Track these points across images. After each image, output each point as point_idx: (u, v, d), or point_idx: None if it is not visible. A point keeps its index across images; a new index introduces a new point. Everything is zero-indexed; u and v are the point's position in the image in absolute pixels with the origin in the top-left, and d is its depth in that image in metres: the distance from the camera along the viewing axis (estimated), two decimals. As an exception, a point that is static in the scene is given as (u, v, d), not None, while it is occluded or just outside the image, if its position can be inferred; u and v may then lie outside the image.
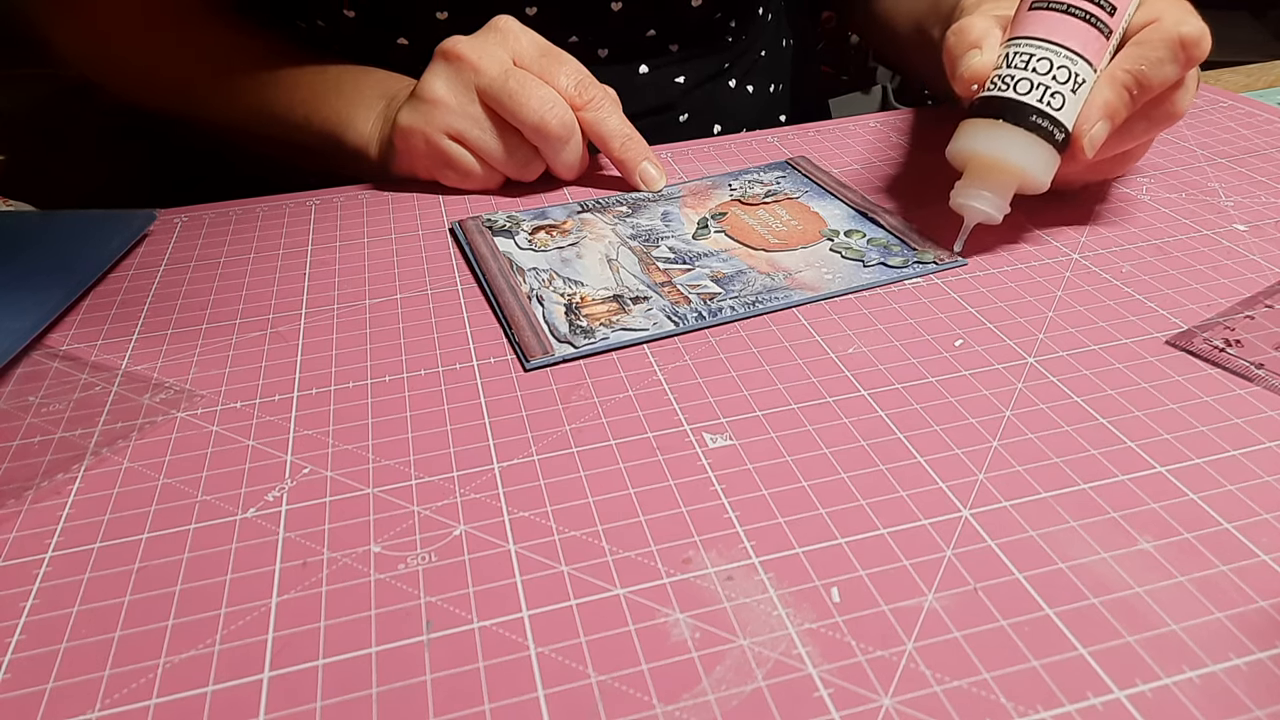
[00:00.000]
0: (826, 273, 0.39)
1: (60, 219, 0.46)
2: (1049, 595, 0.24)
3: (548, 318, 0.37)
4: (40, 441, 0.32)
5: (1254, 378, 0.32)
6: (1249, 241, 0.40)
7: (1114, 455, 0.29)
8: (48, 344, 0.38)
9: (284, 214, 0.48)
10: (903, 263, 0.39)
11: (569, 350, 0.35)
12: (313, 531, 0.28)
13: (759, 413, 0.32)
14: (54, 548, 0.28)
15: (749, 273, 0.39)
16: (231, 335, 0.38)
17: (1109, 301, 0.37)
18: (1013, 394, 0.32)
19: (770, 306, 0.37)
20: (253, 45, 0.55)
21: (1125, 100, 0.38)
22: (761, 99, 0.65)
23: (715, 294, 0.38)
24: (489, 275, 0.40)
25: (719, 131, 0.62)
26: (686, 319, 0.36)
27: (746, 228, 0.43)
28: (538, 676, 0.23)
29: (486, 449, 0.31)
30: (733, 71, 0.62)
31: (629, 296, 0.38)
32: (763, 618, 0.24)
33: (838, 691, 0.22)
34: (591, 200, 0.47)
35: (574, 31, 0.55)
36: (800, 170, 0.49)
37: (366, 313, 0.39)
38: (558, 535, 0.27)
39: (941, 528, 0.27)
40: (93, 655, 0.24)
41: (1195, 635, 0.23)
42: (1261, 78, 0.62)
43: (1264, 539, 0.26)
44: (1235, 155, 0.48)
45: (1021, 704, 0.22)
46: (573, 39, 0.56)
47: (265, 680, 0.23)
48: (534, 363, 0.34)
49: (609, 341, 0.35)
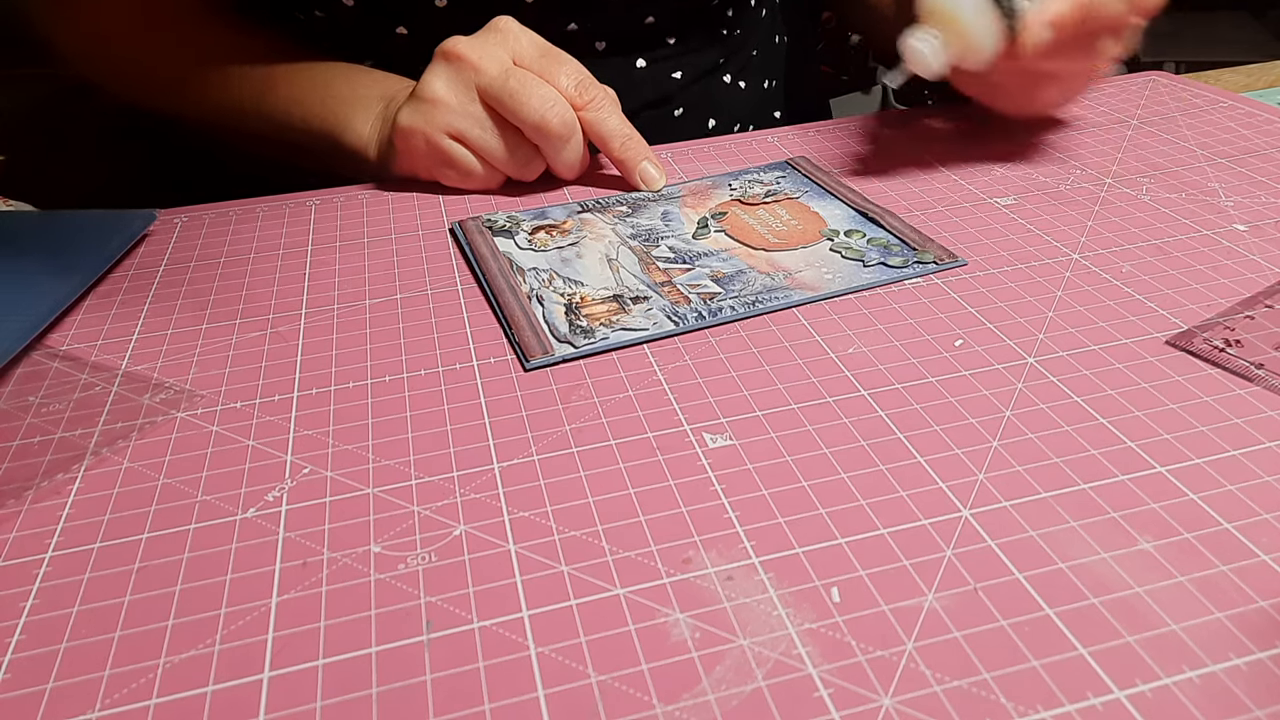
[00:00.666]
0: (826, 272, 0.39)
1: (60, 219, 0.46)
2: (1049, 595, 0.24)
3: (548, 318, 0.37)
4: (40, 441, 0.32)
5: (1254, 378, 0.32)
6: (1249, 241, 0.40)
7: (1114, 455, 0.29)
8: (48, 344, 0.38)
9: (284, 214, 0.48)
10: (903, 262, 0.39)
11: (569, 350, 0.35)
12: (313, 531, 0.28)
13: (759, 413, 0.32)
14: (54, 548, 0.28)
15: (749, 272, 0.39)
16: (231, 335, 0.38)
17: (1109, 301, 0.37)
18: (1013, 394, 0.32)
19: (770, 306, 0.37)
20: (252, 45, 0.55)
21: (1074, 18, 0.40)
22: (755, 95, 0.65)
23: (715, 294, 0.38)
24: (489, 275, 0.40)
25: (713, 126, 0.63)
26: (687, 319, 0.36)
27: (747, 227, 0.43)
28: (538, 676, 0.23)
29: (486, 449, 0.31)
30: (727, 67, 0.63)
31: (629, 296, 0.38)
32: (763, 618, 0.24)
33: (838, 691, 0.22)
34: (591, 200, 0.47)
35: (573, 19, 0.56)
36: (800, 170, 0.49)
37: (366, 313, 0.39)
38: (558, 535, 0.27)
39: (941, 528, 0.27)
40: (93, 655, 0.24)
41: (1195, 635, 0.23)
42: (1261, 78, 0.62)
43: (1264, 539, 0.26)
44: (1235, 155, 0.48)
45: (1021, 704, 0.22)
46: (571, 27, 0.56)
47: (265, 680, 0.23)
48: (534, 362, 0.34)
49: (609, 341, 0.35)
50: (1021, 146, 0.51)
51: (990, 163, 0.49)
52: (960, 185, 0.47)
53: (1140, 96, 0.57)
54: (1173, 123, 0.53)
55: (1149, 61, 2.00)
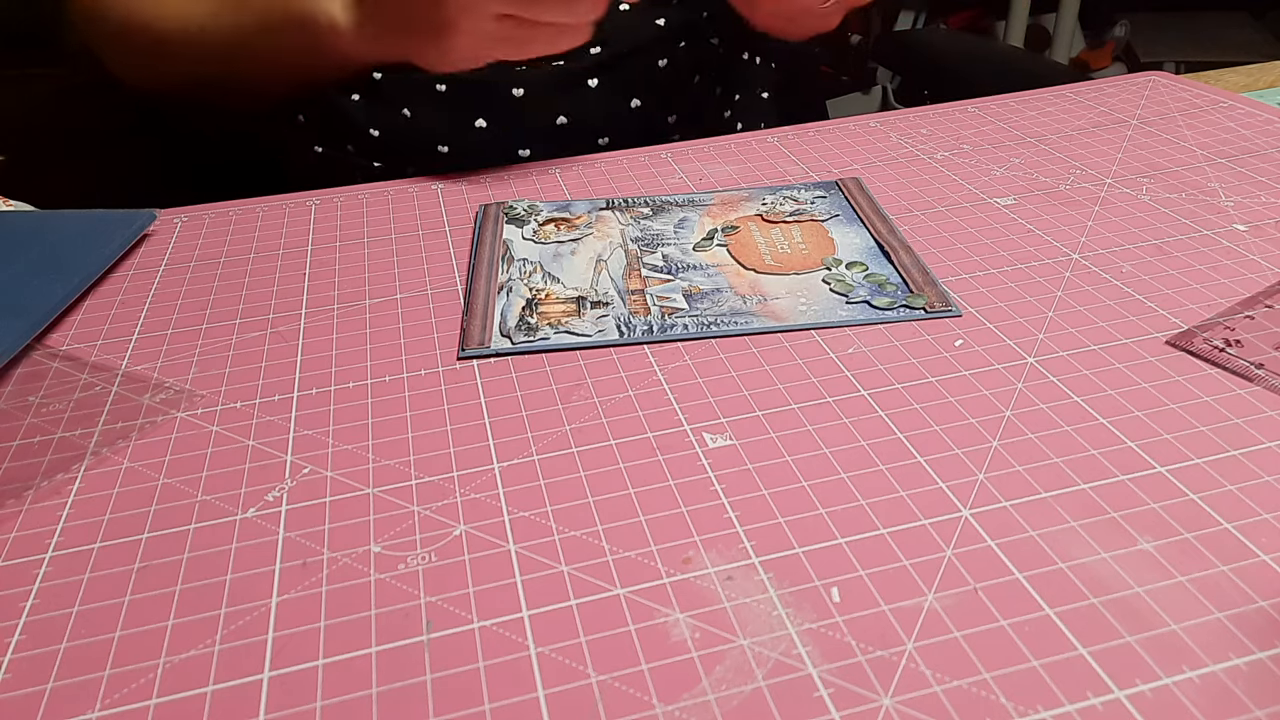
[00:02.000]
0: (803, 303, 0.38)
1: (60, 219, 0.46)
2: (1049, 595, 0.24)
3: (505, 311, 0.37)
4: (40, 441, 0.32)
5: (1254, 378, 0.32)
6: (1249, 241, 0.40)
7: (1114, 455, 0.29)
8: (48, 344, 0.38)
9: (284, 214, 0.48)
10: (889, 304, 0.37)
11: (505, 345, 0.35)
12: (313, 531, 0.28)
13: (759, 413, 0.32)
14: (54, 548, 0.28)
15: (725, 292, 0.39)
16: (231, 335, 0.38)
17: (1109, 301, 0.37)
18: (1013, 394, 0.32)
19: (723, 331, 0.36)
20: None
21: None
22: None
23: (678, 309, 0.38)
24: (476, 263, 0.41)
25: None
26: (635, 330, 0.36)
27: (750, 245, 0.42)
28: (538, 676, 0.23)
29: (486, 449, 0.31)
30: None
31: (590, 300, 0.38)
32: (763, 618, 0.24)
33: (838, 691, 0.22)
34: (620, 199, 0.47)
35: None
36: (845, 192, 0.47)
37: (366, 313, 0.39)
38: (558, 535, 0.27)
39: (941, 528, 0.27)
40: (93, 655, 0.24)
41: (1195, 635, 0.23)
42: (1261, 78, 0.62)
43: (1264, 539, 0.26)
44: (1235, 155, 0.48)
45: (1021, 704, 0.22)
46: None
47: (265, 680, 0.23)
48: (466, 352, 0.35)
49: (548, 343, 0.36)
50: (1022, 146, 0.51)
51: (990, 163, 0.49)
52: (960, 185, 0.47)
53: (1140, 96, 0.57)
54: (1173, 123, 0.53)
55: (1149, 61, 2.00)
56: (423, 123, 0.56)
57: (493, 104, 0.56)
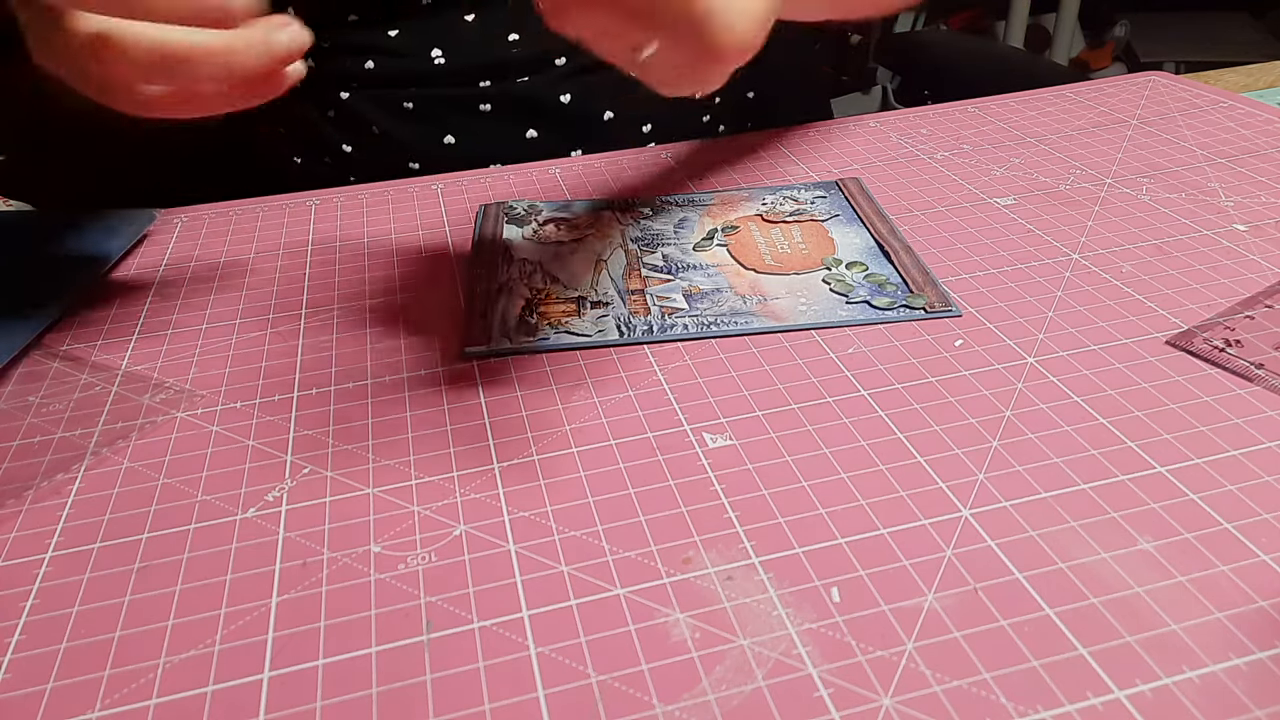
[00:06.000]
0: (803, 303, 0.38)
1: (60, 219, 0.46)
2: (1049, 595, 0.24)
3: (505, 311, 0.38)
4: (40, 441, 0.32)
5: (1254, 378, 0.32)
6: (1249, 241, 0.40)
7: (1114, 455, 0.29)
8: (48, 344, 0.38)
9: (284, 214, 0.48)
10: (889, 304, 0.37)
11: (505, 345, 0.35)
12: (313, 531, 0.28)
13: (759, 413, 0.32)
14: (54, 548, 0.28)
15: (725, 292, 0.39)
16: (231, 335, 0.38)
17: (1109, 301, 0.37)
18: (1013, 394, 0.32)
19: (723, 331, 0.36)
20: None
21: None
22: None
23: (678, 309, 0.37)
24: (476, 263, 0.41)
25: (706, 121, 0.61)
26: (635, 330, 0.36)
27: (750, 245, 0.42)
28: (538, 676, 0.23)
29: (486, 449, 0.31)
30: None
31: (591, 300, 0.38)
32: (763, 618, 0.24)
33: (838, 691, 0.22)
34: (621, 201, 0.47)
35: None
36: (845, 192, 0.47)
37: (366, 313, 0.39)
38: (558, 535, 0.27)
39: (941, 528, 0.27)
40: (93, 655, 0.24)
41: (1195, 635, 0.23)
42: (1261, 78, 0.62)
43: (1264, 539, 0.26)
44: (1235, 155, 0.48)
45: (1021, 704, 0.22)
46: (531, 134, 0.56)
47: (265, 680, 0.23)
48: (467, 352, 0.35)
49: (548, 343, 0.36)
50: (1022, 146, 0.51)
51: (990, 163, 0.49)
52: (960, 185, 0.47)
53: (1140, 96, 0.57)
54: (1173, 123, 0.53)
55: (1149, 61, 2.00)
56: (393, 136, 0.56)
57: (462, 119, 0.56)
